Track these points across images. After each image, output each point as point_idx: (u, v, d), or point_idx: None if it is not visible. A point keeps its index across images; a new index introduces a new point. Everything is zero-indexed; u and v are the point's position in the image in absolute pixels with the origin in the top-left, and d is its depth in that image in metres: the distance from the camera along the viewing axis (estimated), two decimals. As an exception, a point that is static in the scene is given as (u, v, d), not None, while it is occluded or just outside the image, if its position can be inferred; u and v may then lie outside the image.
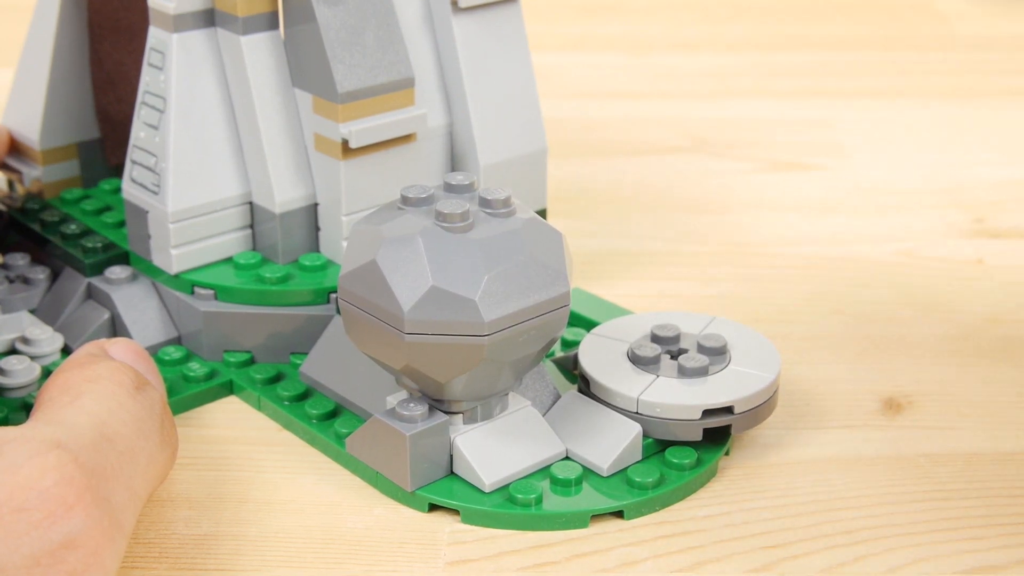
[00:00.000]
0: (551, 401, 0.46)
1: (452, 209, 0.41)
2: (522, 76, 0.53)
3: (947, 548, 0.42)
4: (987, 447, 0.47)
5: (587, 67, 0.85)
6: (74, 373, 0.41)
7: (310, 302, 0.50)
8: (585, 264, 0.58)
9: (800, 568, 0.41)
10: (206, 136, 0.50)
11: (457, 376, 0.42)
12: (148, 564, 0.41)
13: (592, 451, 0.44)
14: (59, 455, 0.36)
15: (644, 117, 0.77)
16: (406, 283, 0.41)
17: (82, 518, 0.35)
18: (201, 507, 0.44)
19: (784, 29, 0.92)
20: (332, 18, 0.48)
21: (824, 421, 0.48)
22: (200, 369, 0.49)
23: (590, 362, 0.46)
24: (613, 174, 0.69)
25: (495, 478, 0.43)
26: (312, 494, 0.44)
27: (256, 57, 0.49)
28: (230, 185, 0.50)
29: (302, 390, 0.48)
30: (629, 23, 0.93)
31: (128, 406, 0.40)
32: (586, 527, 0.43)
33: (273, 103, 0.49)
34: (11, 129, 0.57)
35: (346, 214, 0.50)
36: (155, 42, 0.49)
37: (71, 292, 0.52)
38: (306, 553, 0.42)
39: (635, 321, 0.49)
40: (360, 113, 0.48)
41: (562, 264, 0.43)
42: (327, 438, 0.46)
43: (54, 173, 0.56)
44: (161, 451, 0.40)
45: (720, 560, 0.41)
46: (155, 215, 0.50)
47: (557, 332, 0.43)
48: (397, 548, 0.42)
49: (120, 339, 0.45)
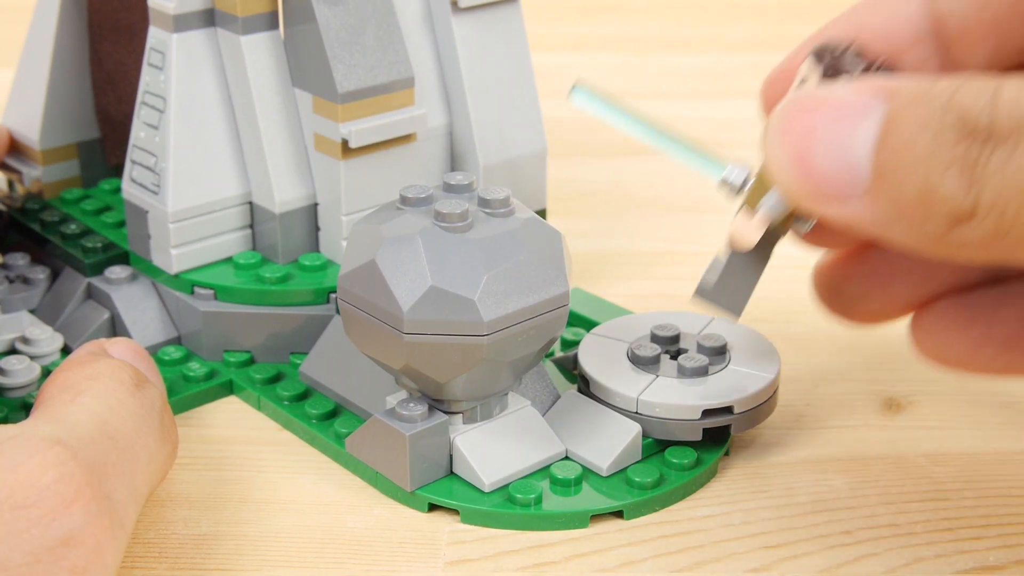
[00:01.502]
0: (551, 401, 0.46)
1: (451, 209, 0.41)
2: (522, 76, 0.53)
3: (947, 548, 0.42)
4: (987, 447, 0.47)
5: (587, 67, 0.85)
6: (74, 371, 0.41)
7: (310, 302, 0.50)
8: (585, 264, 0.58)
9: (800, 568, 0.41)
10: (206, 136, 0.50)
11: (456, 376, 0.42)
12: (148, 564, 0.41)
13: (592, 451, 0.44)
14: (59, 452, 0.36)
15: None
16: (405, 283, 0.41)
17: (82, 515, 0.35)
18: (201, 507, 0.44)
19: (784, 29, 0.92)
20: (332, 18, 0.48)
21: (824, 421, 0.48)
22: (200, 369, 0.49)
23: (590, 362, 0.46)
24: (613, 174, 0.69)
25: (495, 478, 0.43)
26: (312, 494, 0.44)
27: (256, 57, 0.49)
28: (230, 185, 0.50)
29: (302, 390, 0.48)
30: (629, 23, 0.93)
31: (128, 404, 0.40)
32: (586, 527, 0.43)
33: (273, 103, 0.49)
34: (11, 129, 0.57)
35: (346, 214, 0.50)
36: (155, 42, 0.49)
37: (71, 292, 0.52)
38: (306, 553, 0.42)
39: (635, 321, 0.49)
40: (360, 113, 0.48)
41: (561, 264, 0.43)
42: (327, 438, 0.46)
43: (54, 173, 0.56)
44: (161, 448, 0.40)
45: (720, 560, 0.41)
46: (155, 215, 0.50)
47: (556, 332, 0.43)
48: (397, 548, 0.42)
49: (120, 338, 0.45)
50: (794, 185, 0.37)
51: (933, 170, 0.34)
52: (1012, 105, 0.33)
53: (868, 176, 0.35)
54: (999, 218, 0.34)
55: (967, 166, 0.34)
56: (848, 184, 0.36)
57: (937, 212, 0.35)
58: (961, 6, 0.41)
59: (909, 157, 0.35)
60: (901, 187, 0.35)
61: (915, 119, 0.35)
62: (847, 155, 0.36)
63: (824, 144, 0.36)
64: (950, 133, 0.34)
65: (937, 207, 0.34)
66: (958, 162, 0.34)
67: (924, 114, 0.35)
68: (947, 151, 0.34)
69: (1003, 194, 0.34)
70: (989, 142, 0.34)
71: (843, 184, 0.36)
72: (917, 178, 0.34)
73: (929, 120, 0.34)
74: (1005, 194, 0.34)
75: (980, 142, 0.34)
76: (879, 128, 0.35)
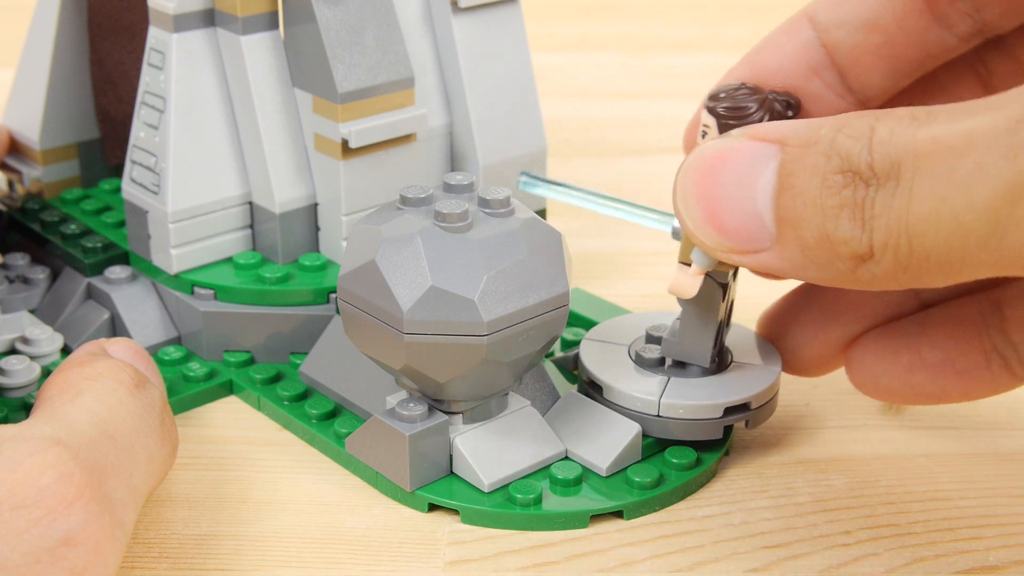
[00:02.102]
0: (551, 401, 0.46)
1: (451, 209, 0.41)
2: (522, 76, 0.53)
3: (947, 548, 0.42)
4: (987, 447, 0.47)
5: (587, 67, 0.85)
6: (74, 372, 0.41)
7: (310, 302, 0.50)
8: (585, 264, 0.58)
9: (800, 568, 0.41)
10: (206, 136, 0.50)
11: (456, 376, 0.42)
12: (148, 564, 0.41)
13: (592, 451, 0.44)
14: (58, 452, 0.36)
15: (644, 117, 0.77)
16: (405, 283, 0.41)
17: (82, 515, 0.35)
18: (201, 507, 0.44)
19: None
20: (332, 18, 0.48)
21: (824, 421, 0.48)
22: (200, 369, 0.49)
23: (599, 368, 0.46)
24: (613, 174, 0.69)
25: (495, 478, 0.43)
26: (312, 494, 0.44)
27: (256, 57, 0.49)
28: (230, 185, 0.50)
29: (302, 390, 0.48)
30: (629, 23, 0.93)
31: (128, 404, 0.40)
32: (586, 527, 0.43)
33: (273, 103, 0.49)
34: (11, 129, 0.57)
35: (346, 214, 0.50)
36: (155, 42, 0.49)
37: (71, 292, 0.52)
38: (306, 553, 0.42)
39: (633, 321, 0.49)
40: (360, 113, 0.48)
41: (561, 264, 0.43)
42: (327, 438, 0.46)
43: (54, 173, 0.56)
44: (161, 448, 0.40)
45: (720, 560, 0.41)
46: (155, 215, 0.50)
47: (557, 332, 0.43)
48: (397, 548, 0.42)
49: (119, 339, 0.45)
50: (710, 242, 0.38)
51: (828, 216, 0.35)
52: (885, 147, 0.34)
53: (772, 227, 0.37)
54: (895, 254, 0.35)
55: (857, 208, 0.35)
56: (757, 237, 0.37)
57: (840, 255, 0.36)
58: (848, 34, 0.43)
59: (804, 204, 0.36)
60: (803, 234, 0.36)
61: (805, 167, 0.36)
62: (751, 208, 0.37)
63: (729, 201, 0.37)
64: (837, 177, 0.35)
65: (839, 249, 0.36)
66: (848, 205, 0.35)
67: (812, 161, 0.36)
68: (836, 196, 0.35)
69: (893, 233, 0.34)
70: (872, 184, 0.34)
71: (752, 237, 0.37)
72: (815, 224, 0.36)
73: (817, 166, 0.35)
74: (895, 233, 0.34)
75: (864, 184, 0.35)
76: (775, 178, 0.37)
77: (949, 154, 0.33)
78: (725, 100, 0.42)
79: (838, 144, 0.35)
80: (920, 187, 0.34)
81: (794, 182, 0.36)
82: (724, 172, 0.38)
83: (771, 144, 0.37)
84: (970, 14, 0.42)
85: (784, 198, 0.36)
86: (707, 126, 0.42)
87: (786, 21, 0.44)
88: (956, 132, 0.33)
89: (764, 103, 0.42)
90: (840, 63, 0.43)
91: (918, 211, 0.34)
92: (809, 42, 0.43)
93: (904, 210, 0.34)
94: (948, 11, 0.42)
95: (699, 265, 0.42)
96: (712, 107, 0.42)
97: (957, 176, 0.33)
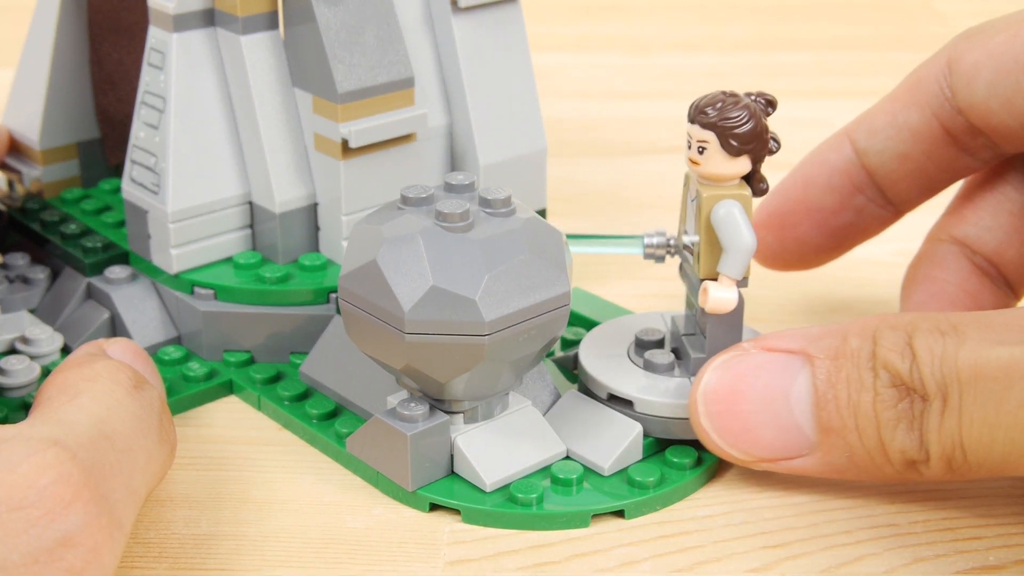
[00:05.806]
0: (551, 401, 0.46)
1: (452, 209, 0.41)
2: (522, 76, 0.53)
3: (946, 548, 0.42)
4: (987, 447, 0.47)
5: (587, 67, 0.85)
6: (72, 372, 0.41)
7: (310, 302, 0.50)
8: (585, 264, 0.58)
9: (800, 568, 0.41)
10: (206, 136, 0.50)
11: (457, 376, 0.42)
12: (148, 564, 0.41)
13: (592, 451, 0.44)
14: (57, 453, 0.36)
15: (644, 117, 0.77)
16: (406, 283, 0.41)
17: (80, 516, 0.35)
18: (201, 507, 0.44)
19: (784, 29, 0.92)
20: (332, 18, 0.48)
21: (824, 421, 0.48)
22: (200, 369, 0.49)
23: (607, 376, 0.45)
24: (613, 174, 0.69)
25: (496, 478, 0.43)
26: (312, 494, 0.44)
27: (256, 57, 0.49)
28: (230, 185, 0.50)
29: (302, 390, 0.48)
30: (629, 23, 0.93)
31: (127, 404, 0.40)
32: (586, 527, 0.43)
33: (273, 103, 0.49)
34: (11, 129, 0.57)
35: (346, 214, 0.50)
36: (155, 42, 0.49)
37: (71, 292, 0.52)
38: (306, 553, 0.42)
39: (633, 321, 0.49)
40: (360, 113, 0.48)
41: (562, 264, 0.43)
42: (327, 438, 0.46)
43: (54, 173, 0.56)
44: (160, 449, 0.40)
45: (720, 560, 0.41)
46: (155, 215, 0.50)
47: (557, 332, 0.43)
48: (397, 548, 0.42)
49: (118, 339, 0.45)
50: (742, 456, 0.42)
51: (884, 426, 0.39)
52: (929, 367, 0.38)
53: (814, 435, 0.40)
54: (949, 463, 0.39)
55: (915, 420, 0.39)
56: (795, 445, 0.41)
57: (894, 460, 0.40)
58: (884, 162, 0.48)
59: (854, 415, 0.39)
60: (851, 442, 0.40)
61: (846, 380, 0.39)
62: (787, 420, 0.41)
63: (762, 415, 0.41)
64: (891, 391, 0.39)
65: (893, 456, 0.39)
66: (904, 418, 0.39)
67: (854, 374, 0.39)
68: (892, 408, 0.39)
69: (947, 446, 0.38)
70: (925, 399, 0.38)
71: (790, 446, 0.41)
72: (870, 435, 0.39)
73: (862, 380, 0.39)
74: (949, 446, 0.38)
75: (921, 399, 0.38)
76: (810, 390, 0.40)
77: (993, 385, 0.37)
78: (717, 114, 0.42)
79: (883, 358, 0.39)
80: (970, 413, 0.37)
81: (837, 393, 0.39)
82: (751, 388, 0.41)
83: (794, 356, 0.40)
84: (990, 147, 0.47)
85: (826, 408, 0.40)
86: (705, 141, 0.42)
87: (830, 138, 0.50)
88: (994, 363, 0.37)
89: (750, 108, 0.42)
90: (879, 183, 0.49)
91: (970, 432, 0.38)
92: (851, 162, 0.49)
93: (955, 430, 0.38)
94: (970, 144, 0.47)
95: (732, 276, 0.43)
96: (711, 122, 0.42)
97: (1006, 407, 0.37)
